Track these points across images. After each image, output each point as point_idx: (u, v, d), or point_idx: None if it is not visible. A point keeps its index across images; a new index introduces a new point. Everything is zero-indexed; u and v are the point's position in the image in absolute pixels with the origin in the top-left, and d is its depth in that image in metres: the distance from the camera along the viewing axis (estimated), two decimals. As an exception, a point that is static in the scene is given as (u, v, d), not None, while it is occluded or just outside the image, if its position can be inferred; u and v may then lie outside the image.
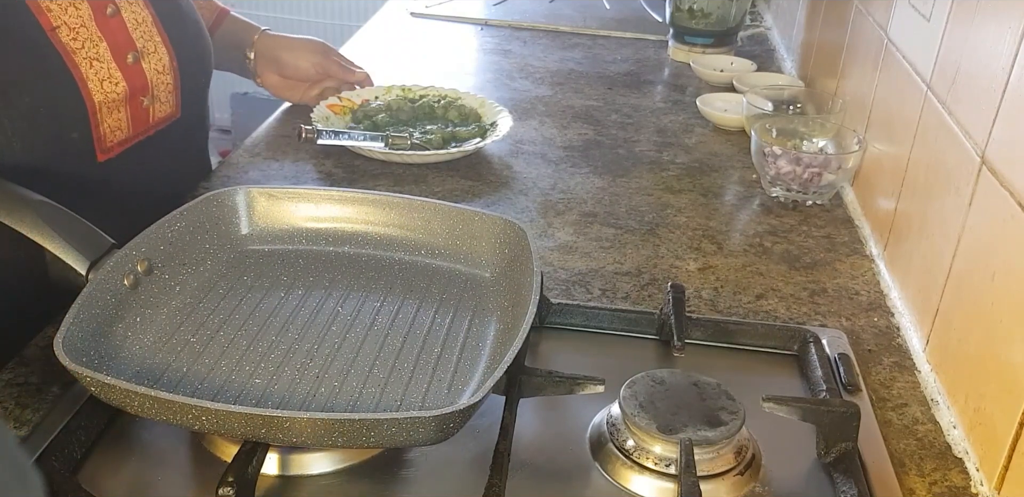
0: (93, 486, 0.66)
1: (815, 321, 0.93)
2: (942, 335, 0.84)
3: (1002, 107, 0.76)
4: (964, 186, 0.81)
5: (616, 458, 0.71)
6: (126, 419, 0.72)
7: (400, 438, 0.63)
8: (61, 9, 0.88)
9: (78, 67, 0.89)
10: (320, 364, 0.74)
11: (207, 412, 0.62)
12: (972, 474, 0.74)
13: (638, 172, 1.25)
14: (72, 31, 0.89)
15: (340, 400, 0.71)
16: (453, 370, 0.74)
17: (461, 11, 1.97)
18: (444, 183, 1.18)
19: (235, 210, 0.88)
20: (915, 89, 0.98)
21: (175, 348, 0.75)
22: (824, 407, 0.73)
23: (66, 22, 0.89)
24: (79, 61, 0.89)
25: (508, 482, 0.67)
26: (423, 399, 0.71)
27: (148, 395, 0.62)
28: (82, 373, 0.64)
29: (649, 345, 0.87)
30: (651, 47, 1.83)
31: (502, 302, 0.82)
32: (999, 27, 0.78)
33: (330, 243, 0.90)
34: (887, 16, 1.12)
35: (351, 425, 0.62)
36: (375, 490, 0.69)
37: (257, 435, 0.63)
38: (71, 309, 0.69)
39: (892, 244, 1.02)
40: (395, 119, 1.30)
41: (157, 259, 0.80)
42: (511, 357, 0.67)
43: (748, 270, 1.02)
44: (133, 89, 0.95)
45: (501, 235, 0.86)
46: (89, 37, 0.91)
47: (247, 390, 0.71)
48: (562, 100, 1.51)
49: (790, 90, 1.41)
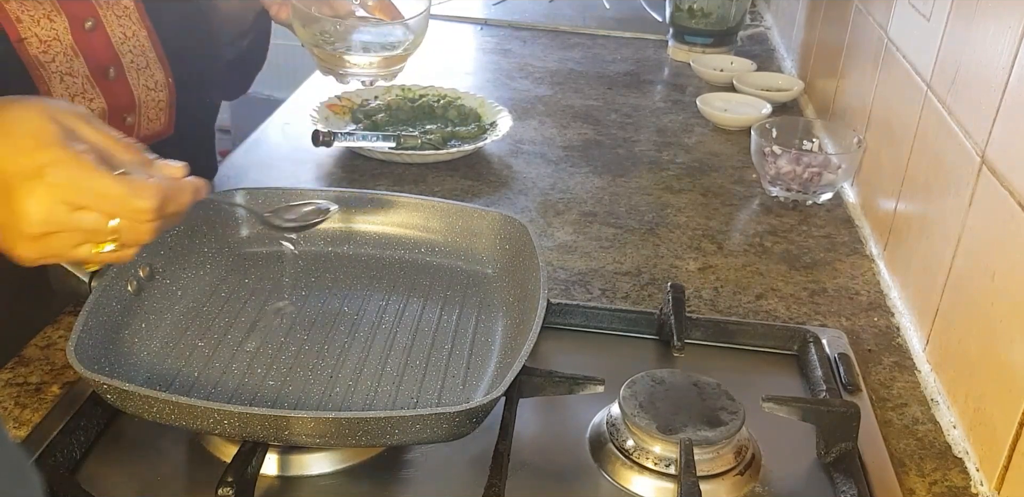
0: (93, 486, 0.65)
1: (815, 321, 0.93)
2: (942, 335, 0.84)
3: (1002, 107, 0.76)
4: (964, 186, 0.81)
5: (616, 458, 0.71)
6: (125, 419, 0.72)
7: (424, 435, 0.63)
8: (33, 20, 0.84)
9: (46, 82, 0.85)
10: (332, 364, 0.74)
11: (229, 415, 0.61)
12: (972, 474, 0.73)
13: (638, 172, 1.25)
14: (43, 44, 0.84)
15: (356, 399, 0.71)
16: (465, 366, 0.75)
17: (461, 11, 1.97)
18: (444, 183, 1.18)
19: (233, 213, 0.88)
20: (915, 89, 0.98)
21: (184, 353, 0.75)
22: (824, 407, 0.73)
23: (36, 34, 0.84)
24: (47, 75, 0.85)
25: (508, 482, 0.67)
26: (439, 396, 0.72)
27: (169, 400, 0.62)
28: (99, 381, 0.63)
29: (649, 345, 0.87)
30: (651, 47, 1.83)
31: (507, 297, 0.82)
32: (999, 27, 0.78)
33: (329, 243, 0.90)
34: (887, 16, 1.12)
35: (376, 423, 0.62)
36: (375, 490, 0.69)
37: (279, 437, 0.63)
38: (80, 316, 0.69)
39: (892, 244, 1.02)
40: (395, 119, 1.30)
41: (158, 264, 0.80)
42: (527, 351, 0.67)
43: (748, 270, 1.02)
44: (113, 106, 0.91)
45: (501, 231, 0.86)
46: (63, 51, 0.86)
47: (261, 392, 0.71)
48: (562, 100, 1.51)
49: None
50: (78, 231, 0.61)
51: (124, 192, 0.60)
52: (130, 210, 0.61)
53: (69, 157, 0.59)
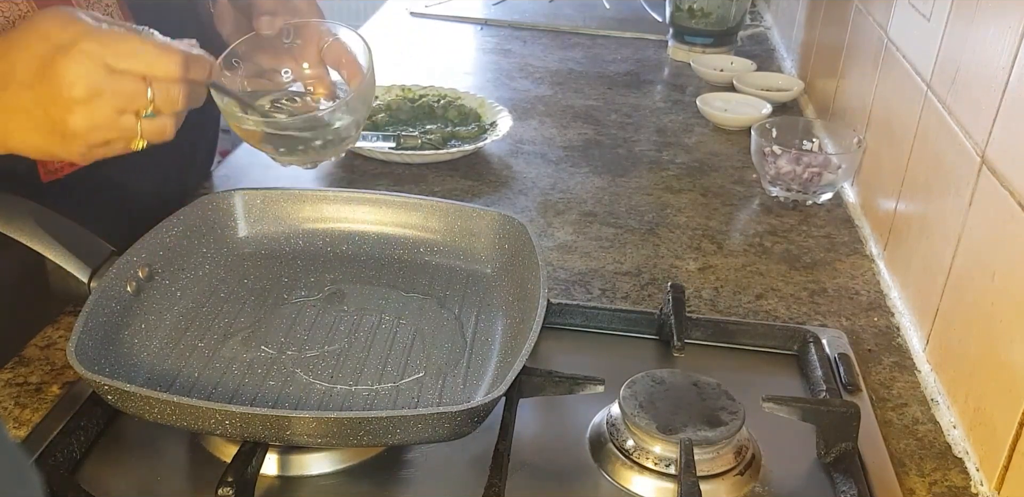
0: (93, 486, 0.65)
1: (815, 321, 0.93)
2: (942, 335, 0.84)
3: (1002, 107, 0.76)
4: (964, 186, 0.81)
5: (616, 458, 0.71)
6: (125, 419, 0.72)
7: (425, 434, 0.63)
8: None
9: None
10: (332, 364, 0.74)
11: (231, 416, 0.61)
12: (972, 474, 0.73)
13: (638, 172, 1.25)
14: None
15: (357, 399, 0.71)
16: (466, 366, 0.75)
17: (461, 11, 1.97)
18: (444, 183, 1.18)
19: (231, 213, 0.88)
20: (915, 89, 0.98)
21: (184, 353, 0.75)
22: (824, 407, 0.73)
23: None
24: None
25: (508, 482, 0.67)
26: (439, 395, 0.72)
27: (170, 401, 0.62)
28: (99, 382, 0.63)
29: (649, 345, 0.87)
30: (651, 47, 1.83)
31: (507, 297, 0.83)
32: (999, 27, 0.78)
33: (328, 243, 0.89)
34: (887, 16, 1.12)
35: (378, 423, 0.62)
36: (375, 490, 0.69)
37: (281, 437, 0.63)
38: (80, 317, 0.69)
39: (892, 244, 1.02)
40: (395, 119, 1.30)
41: (157, 265, 0.80)
42: (528, 351, 0.67)
43: (748, 270, 1.02)
44: None
45: (500, 230, 0.86)
46: None
47: (262, 392, 0.71)
48: (562, 100, 1.51)
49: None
50: (118, 95, 0.65)
51: (152, 49, 0.65)
52: (161, 66, 0.65)
53: (96, 27, 0.64)
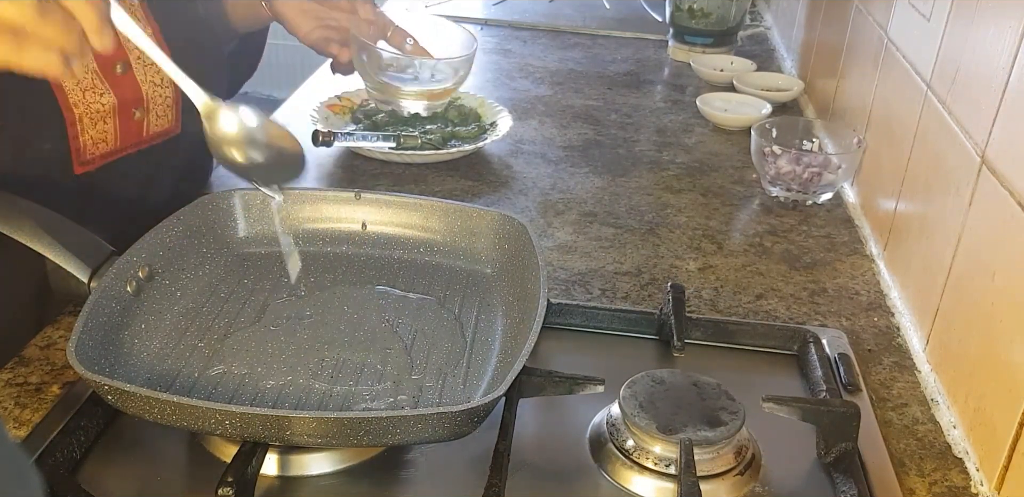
0: (92, 486, 0.65)
1: (815, 321, 0.93)
2: (942, 335, 0.84)
3: (1002, 107, 0.76)
4: (964, 186, 0.81)
5: (616, 458, 0.71)
6: (125, 419, 0.72)
7: (425, 434, 0.63)
8: None
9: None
10: (332, 364, 0.74)
11: (231, 416, 0.62)
12: (972, 474, 0.73)
13: (638, 172, 1.25)
14: None
15: (357, 399, 0.71)
16: (466, 366, 0.75)
17: (460, 11, 1.97)
18: (444, 183, 1.18)
19: (231, 213, 0.88)
20: (915, 89, 0.98)
21: (183, 354, 0.75)
22: (824, 407, 0.73)
23: None
24: None
25: (508, 482, 0.67)
26: (440, 395, 0.72)
27: (170, 401, 0.62)
28: (100, 382, 0.63)
29: (649, 345, 0.86)
30: (651, 47, 1.83)
31: (507, 297, 0.83)
32: (999, 27, 0.78)
33: (328, 243, 0.90)
34: (887, 16, 1.12)
35: (378, 423, 0.62)
36: (375, 490, 0.69)
37: (281, 437, 0.63)
38: (80, 317, 0.69)
39: (892, 244, 1.02)
40: (395, 119, 1.30)
41: (157, 265, 0.80)
42: (528, 351, 0.67)
43: (748, 270, 1.02)
44: (123, 100, 0.91)
45: (500, 231, 0.87)
46: None
47: (262, 393, 0.71)
48: (562, 100, 1.51)
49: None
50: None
51: None
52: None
53: None
